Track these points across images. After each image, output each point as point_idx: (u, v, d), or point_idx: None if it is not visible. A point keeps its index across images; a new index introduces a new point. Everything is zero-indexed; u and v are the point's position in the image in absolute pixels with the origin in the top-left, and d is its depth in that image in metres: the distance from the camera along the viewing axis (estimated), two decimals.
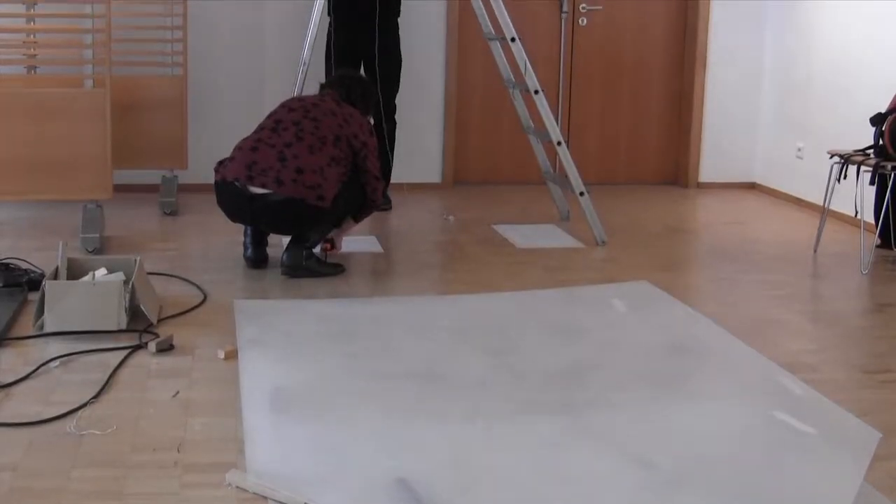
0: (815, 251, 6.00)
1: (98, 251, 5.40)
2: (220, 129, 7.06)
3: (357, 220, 5.44)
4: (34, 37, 6.24)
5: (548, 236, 6.23)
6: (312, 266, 5.12)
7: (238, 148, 5.08)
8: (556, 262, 5.63)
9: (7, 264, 4.80)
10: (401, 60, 6.79)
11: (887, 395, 3.74)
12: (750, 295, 5.09)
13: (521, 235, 6.20)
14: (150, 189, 6.91)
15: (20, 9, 6.11)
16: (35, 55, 6.27)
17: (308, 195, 4.87)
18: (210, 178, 5.14)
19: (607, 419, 3.38)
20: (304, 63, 5.86)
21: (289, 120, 5.07)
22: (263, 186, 4.88)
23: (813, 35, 7.34)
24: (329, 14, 6.58)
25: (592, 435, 3.25)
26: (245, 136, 5.23)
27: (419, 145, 7.61)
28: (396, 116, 6.83)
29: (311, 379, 3.70)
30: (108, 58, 5.33)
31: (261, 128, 5.15)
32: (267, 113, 5.35)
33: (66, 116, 5.29)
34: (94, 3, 5.32)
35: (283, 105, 5.26)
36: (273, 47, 7.33)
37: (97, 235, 5.43)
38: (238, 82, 7.33)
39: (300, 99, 5.32)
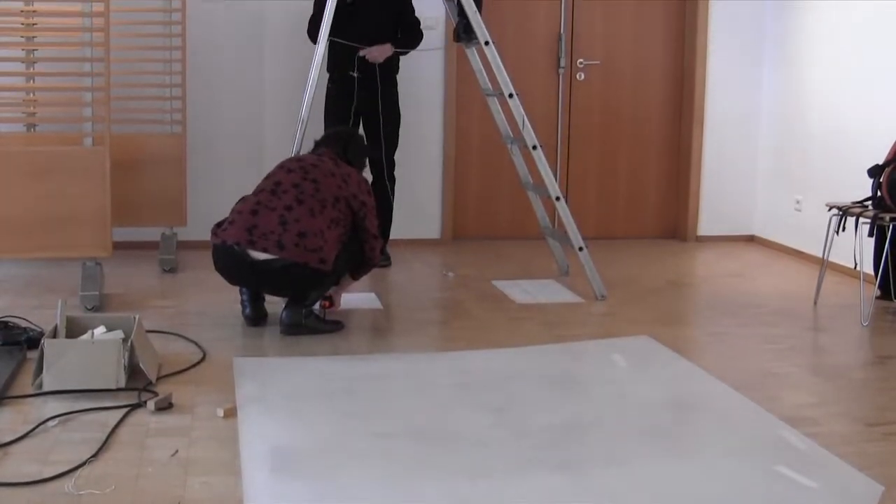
0: (815, 303, 5.99)
1: (97, 309, 5.40)
2: (219, 187, 7.08)
3: (355, 277, 5.44)
4: (34, 95, 6.27)
5: (547, 291, 6.22)
6: (311, 324, 5.11)
7: (237, 211, 5.06)
8: (556, 317, 5.62)
9: (6, 322, 4.79)
10: (400, 117, 6.81)
11: (890, 448, 3.72)
12: (750, 348, 5.08)
13: (521, 291, 6.20)
14: (150, 246, 6.91)
15: (20, 67, 6.15)
16: (35, 113, 6.30)
17: (310, 259, 4.87)
18: (209, 234, 5.13)
19: (609, 476, 3.36)
20: (303, 121, 5.86)
21: (288, 182, 5.07)
22: (265, 251, 4.86)
23: (810, 88, 7.38)
24: (328, 71, 6.62)
25: (594, 492, 3.22)
26: (244, 193, 5.24)
27: (418, 201, 7.63)
28: (395, 173, 6.84)
29: (311, 437, 3.68)
30: (107, 116, 5.35)
31: (260, 190, 5.14)
32: (266, 170, 5.36)
33: (66, 174, 5.30)
34: (93, 62, 5.35)
35: (280, 166, 5.25)
36: (272, 105, 7.37)
37: (96, 293, 5.43)
38: (237, 140, 7.36)
39: (298, 159, 5.31)
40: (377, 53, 6.47)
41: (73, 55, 5.64)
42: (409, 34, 6.67)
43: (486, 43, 6.04)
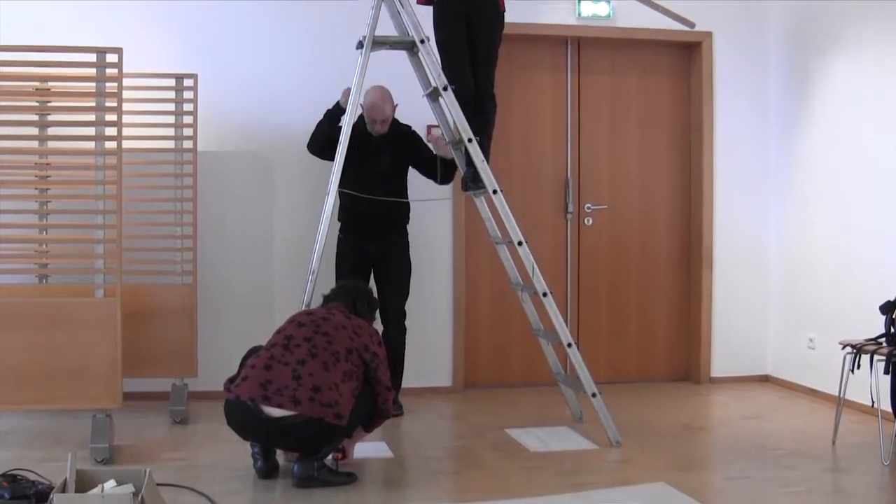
0: (833, 443, 5.92)
1: (107, 462, 5.35)
2: (230, 338, 7.07)
3: (368, 430, 5.41)
4: (46, 246, 6.31)
5: (561, 439, 6.16)
6: (324, 476, 5.04)
7: (251, 366, 5.05)
8: (571, 465, 5.55)
9: (14, 475, 4.73)
10: (411, 267, 6.84)
11: None
12: (770, 493, 5.00)
13: (535, 439, 6.13)
14: (161, 397, 6.88)
15: (33, 218, 6.21)
16: (47, 264, 6.33)
17: (326, 414, 4.84)
18: (220, 385, 5.11)
19: None
20: (313, 272, 5.86)
21: (300, 336, 5.08)
22: (280, 406, 4.83)
23: (817, 224, 7.43)
24: (339, 220, 6.66)
25: None
26: (255, 344, 5.23)
27: (429, 349, 7.60)
28: (406, 322, 6.84)
29: None
30: (119, 267, 5.39)
31: (272, 345, 5.13)
32: (277, 321, 5.37)
33: (77, 326, 5.32)
34: (105, 213, 5.40)
35: (291, 320, 5.27)
36: (282, 256, 7.40)
37: (106, 445, 5.38)
38: (248, 290, 7.38)
39: (308, 313, 5.34)
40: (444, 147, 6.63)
41: (85, 207, 5.70)
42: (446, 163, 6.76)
43: (495, 191, 6.08)
